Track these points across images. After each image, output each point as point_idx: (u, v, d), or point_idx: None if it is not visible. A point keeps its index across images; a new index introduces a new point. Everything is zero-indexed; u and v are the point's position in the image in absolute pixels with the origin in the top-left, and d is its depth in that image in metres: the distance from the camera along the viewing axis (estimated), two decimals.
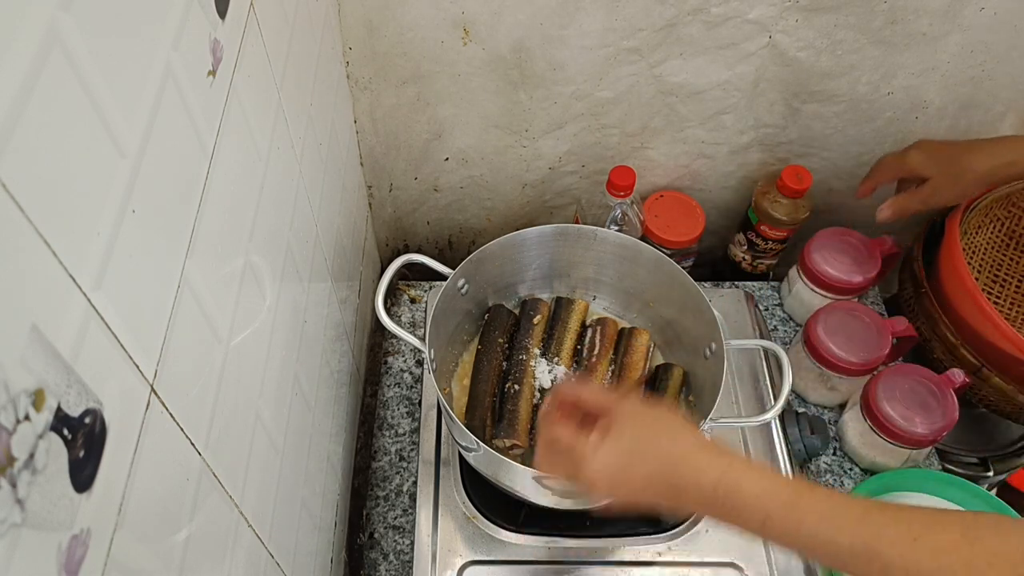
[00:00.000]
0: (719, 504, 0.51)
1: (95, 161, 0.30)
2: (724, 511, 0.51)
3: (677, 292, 0.79)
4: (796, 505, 0.49)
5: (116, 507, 0.31)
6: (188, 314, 0.38)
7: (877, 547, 0.46)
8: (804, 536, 0.48)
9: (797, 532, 0.49)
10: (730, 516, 0.51)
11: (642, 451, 0.54)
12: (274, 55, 0.54)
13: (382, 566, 0.79)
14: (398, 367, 0.93)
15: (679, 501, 0.54)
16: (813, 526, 0.48)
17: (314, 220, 0.66)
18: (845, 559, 0.47)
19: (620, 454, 0.54)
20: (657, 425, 0.55)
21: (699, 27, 0.80)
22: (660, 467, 0.53)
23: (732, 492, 0.51)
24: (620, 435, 0.54)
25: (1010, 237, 0.99)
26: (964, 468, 0.96)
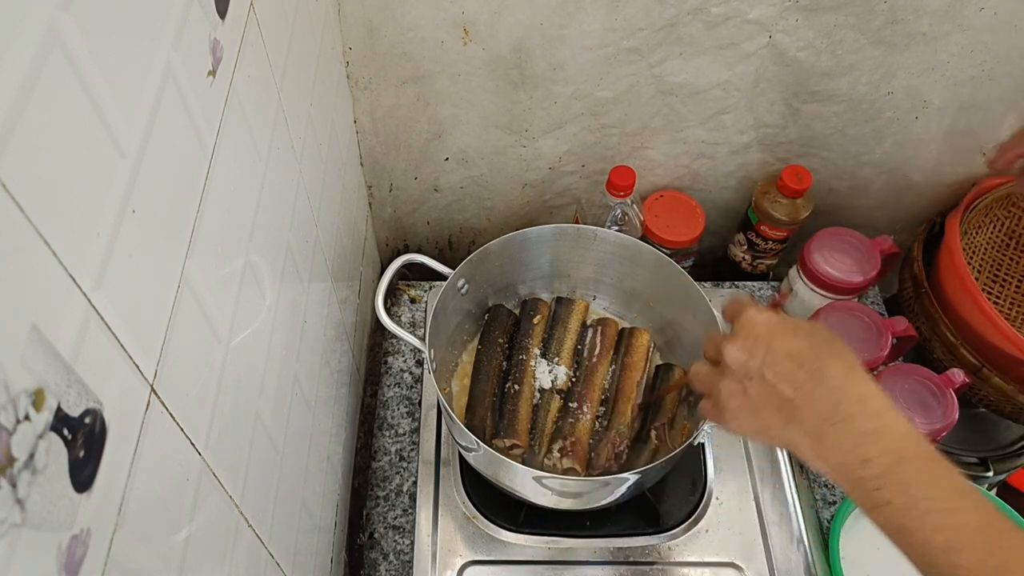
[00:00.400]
0: (856, 417, 0.46)
1: (95, 161, 0.30)
2: (857, 429, 0.46)
3: (677, 292, 0.79)
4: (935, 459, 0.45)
5: (116, 507, 0.31)
6: (188, 314, 0.38)
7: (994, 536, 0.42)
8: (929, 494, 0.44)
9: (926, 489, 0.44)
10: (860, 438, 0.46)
11: (806, 330, 0.51)
12: (274, 55, 0.54)
13: (382, 566, 0.79)
14: (398, 367, 0.93)
15: (814, 393, 0.48)
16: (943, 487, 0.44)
17: (314, 220, 0.66)
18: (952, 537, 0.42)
19: (783, 321, 0.51)
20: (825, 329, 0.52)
21: (699, 27, 0.80)
22: (815, 347, 0.49)
23: (880, 412, 0.46)
24: (785, 316, 0.52)
25: (1010, 237, 0.99)
26: (964, 468, 0.96)
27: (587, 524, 0.78)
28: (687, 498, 0.80)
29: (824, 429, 0.47)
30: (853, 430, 0.46)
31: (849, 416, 0.47)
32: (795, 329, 0.50)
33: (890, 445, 0.45)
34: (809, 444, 0.48)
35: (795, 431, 0.49)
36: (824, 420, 0.47)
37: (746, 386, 0.51)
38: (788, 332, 0.50)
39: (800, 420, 0.48)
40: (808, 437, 0.48)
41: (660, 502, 0.79)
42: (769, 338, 0.50)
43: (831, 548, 0.76)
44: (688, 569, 0.75)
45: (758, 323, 0.51)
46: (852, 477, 0.46)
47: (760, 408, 0.50)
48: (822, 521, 0.82)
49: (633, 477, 0.67)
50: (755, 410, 0.51)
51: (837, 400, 0.47)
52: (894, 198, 1.00)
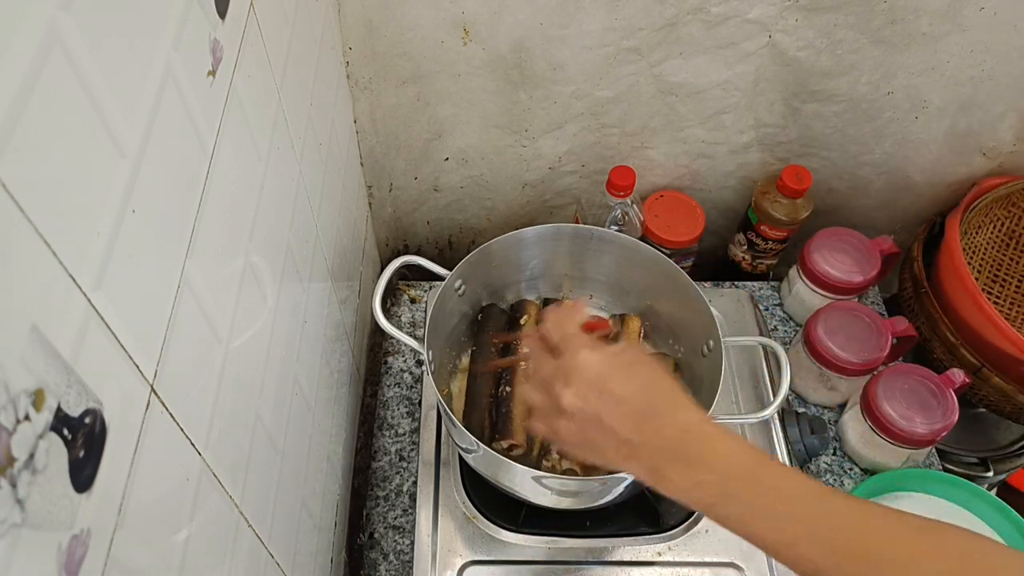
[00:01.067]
0: (686, 447, 0.50)
1: (95, 161, 0.30)
2: (687, 457, 0.50)
3: (675, 291, 0.79)
4: (761, 468, 0.48)
5: (116, 507, 0.31)
6: (188, 314, 0.38)
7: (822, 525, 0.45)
8: (757, 502, 0.47)
9: (754, 498, 0.47)
10: (691, 465, 0.49)
11: (636, 367, 0.54)
12: (274, 55, 0.54)
13: (382, 566, 0.79)
14: (398, 367, 0.93)
15: (646, 431, 0.51)
16: (771, 496, 0.47)
17: (314, 220, 0.66)
18: (787, 536, 0.46)
19: (613, 360, 0.54)
20: (651, 361, 0.55)
21: (699, 27, 0.80)
22: (645, 388, 0.53)
23: (705, 438, 0.50)
24: (616, 350, 0.55)
25: (1010, 237, 0.99)
26: (964, 468, 0.96)
27: (587, 524, 0.78)
28: None
29: (660, 463, 0.51)
30: (684, 458, 0.50)
31: (680, 447, 0.50)
32: (624, 369, 0.54)
33: (716, 466, 0.49)
34: (648, 477, 0.52)
35: (636, 466, 0.53)
36: (658, 455, 0.51)
37: (583, 427, 0.54)
38: (619, 375, 0.53)
39: (638, 457, 0.52)
40: (647, 471, 0.52)
41: (660, 502, 0.79)
42: (602, 382, 0.53)
43: None
44: (688, 569, 0.75)
45: (589, 366, 0.53)
46: (692, 499, 0.50)
47: (599, 445, 0.54)
48: None
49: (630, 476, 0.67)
50: (595, 448, 0.54)
51: (667, 435, 0.51)
52: (894, 198, 1.00)
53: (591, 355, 0.54)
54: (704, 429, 0.51)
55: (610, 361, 0.54)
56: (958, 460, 0.97)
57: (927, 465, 0.87)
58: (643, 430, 0.51)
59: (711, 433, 0.51)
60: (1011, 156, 0.93)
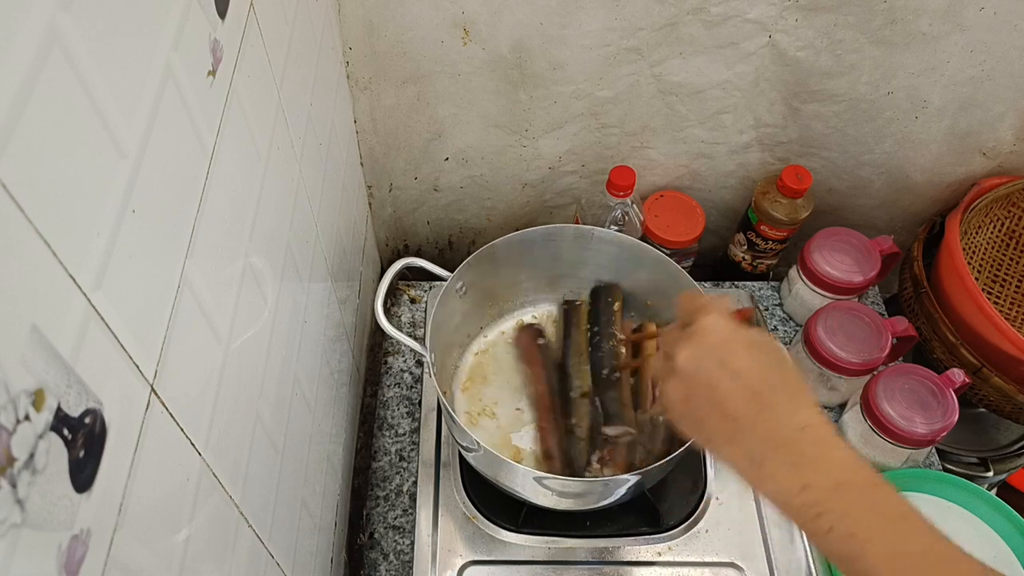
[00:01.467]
0: (799, 445, 0.46)
1: (95, 161, 0.30)
2: (798, 456, 0.45)
3: (675, 290, 0.79)
4: (877, 486, 0.44)
5: (116, 507, 0.31)
6: (188, 314, 0.38)
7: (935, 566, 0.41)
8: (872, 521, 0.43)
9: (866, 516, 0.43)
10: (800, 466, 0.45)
11: (761, 347, 0.50)
12: (274, 55, 0.54)
13: (382, 566, 0.79)
14: (398, 367, 0.93)
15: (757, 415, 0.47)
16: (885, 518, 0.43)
17: (314, 220, 0.66)
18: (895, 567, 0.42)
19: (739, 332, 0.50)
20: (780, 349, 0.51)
21: (699, 26, 0.80)
22: (767, 369, 0.48)
23: (822, 442, 0.46)
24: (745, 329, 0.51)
25: (1010, 237, 0.99)
26: (964, 468, 0.96)
27: (587, 524, 0.78)
28: (687, 498, 0.80)
29: (765, 454, 0.47)
30: (793, 456, 0.46)
31: (790, 442, 0.46)
32: (749, 345, 0.50)
33: (830, 472, 0.45)
34: (749, 467, 0.48)
35: (735, 451, 0.48)
36: (765, 445, 0.47)
37: (692, 394, 0.50)
38: (742, 348, 0.49)
39: (741, 441, 0.48)
40: (748, 460, 0.48)
41: (660, 502, 0.79)
42: (722, 352, 0.49)
43: None
44: (688, 569, 0.75)
45: (714, 332, 0.50)
46: (792, 504, 0.46)
47: (703, 419, 0.50)
48: None
49: (633, 478, 0.67)
50: (698, 419, 0.50)
51: (780, 426, 0.47)
52: (894, 198, 1.00)
53: (718, 321, 0.50)
54: (823, 431, 0.46)
55: (736, 332, 0.50)
56: (958, 460, 0.97)
57: (927, 465, 0.87)
58: (754, 411, 0.47)
59: (831, 438, 0.46)
60: (1011, 156, 0.93)
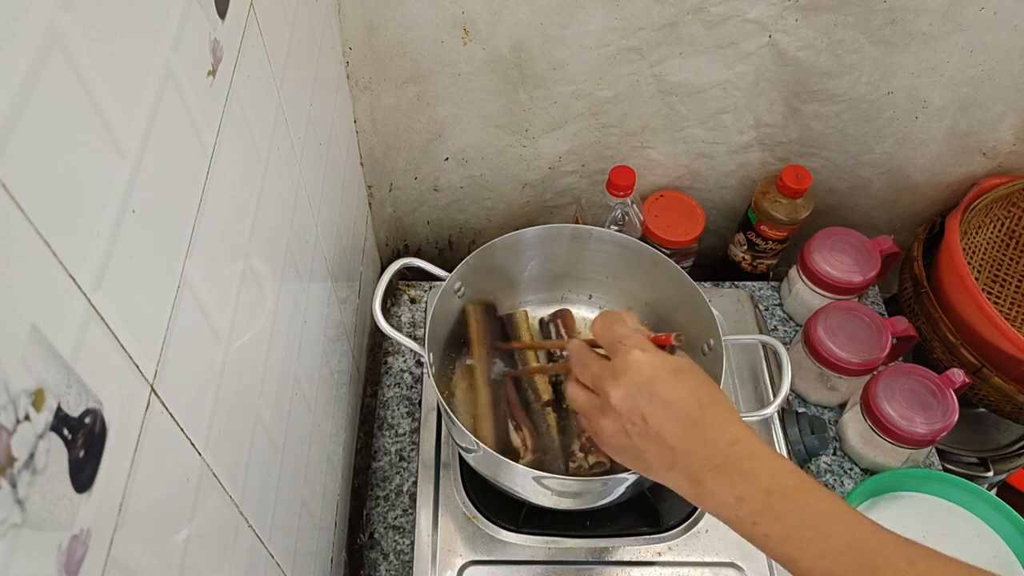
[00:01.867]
0: (733, 460, 0.49)
1: (95, 161, 0.30)
2: (733, 470, 0.48)
3: (674, 290, 0.79)
4: (805, 488, 0.47)
5: (116, 507, 0.31)
6: (188, 314, 0.38)
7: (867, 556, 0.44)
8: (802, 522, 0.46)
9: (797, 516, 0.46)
10: (735, 479, 0.48)
11: (686, 373, 0.53)
12: (274, 55, 0.54)
13: (382, 566, 0.79)
14: (398, 367, 0.93)
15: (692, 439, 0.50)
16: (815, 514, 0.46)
17: (314, 220, 0.66)
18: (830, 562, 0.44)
19: (664, 363, 0.53)
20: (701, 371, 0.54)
21: (699, 26, 0.80)
22: (694, 394, 0.51)
23: (753, 454, 0.49)
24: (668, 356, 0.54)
25: (1010, 237, 0.99)
26: (964, 468, 0.96)
27: (587, 524, 0.78)
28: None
29: (702, 475, 0.49)
30: (728, 472, 0.49)
31: (725, 460, 0.49)
32: (676, 374, 0.52)
33: (761, 482, 0.48)
34: (689, 488, 0.51)
35: (676, 476, 0.51)
36: (702, 467, 0.50)
37: (628, 429, 0.53)
38: (670, 378, 0.52)
39: (680, 466, 0.51)
40: (688, 482, 0.51)
41: (660, 502, 0.79)
42: (652, 385, 0.52)
43: None
44: (688, 569, 0.75)
45: (643, 366, 0.53)
46: (731, 516, 0.49)
47: (641, 451, 0.52)
48: None
49: (632, 477, 0.67)
50: (636, 451, 0.53)
51: (713, 446, 0.50)
52: (894, 198, 1.00)
53: (643, 356, 0.53)
54: (752, 444, 0.50)
55: (662, 364, 0.53)
56: (958, 460, 0.97)
57: (927, 465, 0.87)
58: (689, 437, 0.50)
59: (758, 449, 0.49)
60: (1011, 156, 0.93)
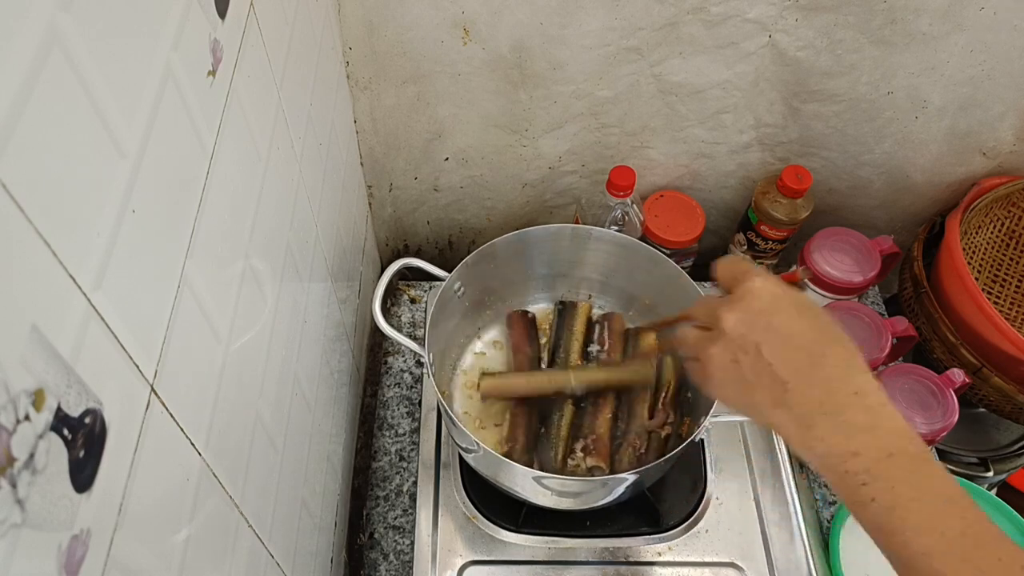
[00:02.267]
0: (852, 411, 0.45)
1: (95, 161, 0.30)
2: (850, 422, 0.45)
3: (675, 290, 0.79)
4: (927, 460, 0.43)
5: (116, 507, 0.31)
6: (188, 314, 0.38)
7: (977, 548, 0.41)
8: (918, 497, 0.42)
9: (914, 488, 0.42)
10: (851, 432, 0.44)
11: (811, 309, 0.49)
12: (274, 55, 0.54)
13: (382, 566, 0.79)
14: (398, 367, 0.93)
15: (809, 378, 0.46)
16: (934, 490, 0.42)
17: (314, 220, 0.66)
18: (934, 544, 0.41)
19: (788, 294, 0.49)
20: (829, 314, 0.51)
21: (699, 26, 0.80)
22: (819, 332, 0.47)
23: (872, 408, 0.45)
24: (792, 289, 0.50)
25: (1010, 237, 0.99)
26: (964, 468, 0.96)
27: (587, 524, 0.78)
28: (687, 498, 0.80)
29: (815, 417, 0.46)
30: (844, 422, 0.45)
31: (842, 407, 0.45)
32: (799, 308, 0.48)
33: (881, 441, 0.44)
34: (796, 430, 0.47)
35: (784, 415, 0.47)
36: (816, 408, 0.46)
37: (739, 358, 0.48)
38: (792, 310, 0.48)
39: (791, 404, 0.46)
40: (796, 423, 0.47)
41: (660, 502, 0.79)
42: (771, 313, 0.48)
43: (831, 548, 0.76)
44: (688, 569, 0.75)
45: (762, 294, 0.49)
46: (838, 469, 0.45)
47: (750, 384, 0.48)
48: (822, 521, 0.82)
49: (632, 477, 0.67)
50: (745, 385, 0.49)
51: (832, 389, 0.46)
52: (894, 198, 1.00)
53: (766, 283, 0.49)
54: (876, 398, 0.45)
55: (784, 295, 0.49)
56: (958, 460, 0.96)
57: None
58: (806, 374, 0.46)
59: (882, 406, 0.45)
60: (1011, 156, 0.93)
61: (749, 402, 0.49)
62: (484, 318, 0.88)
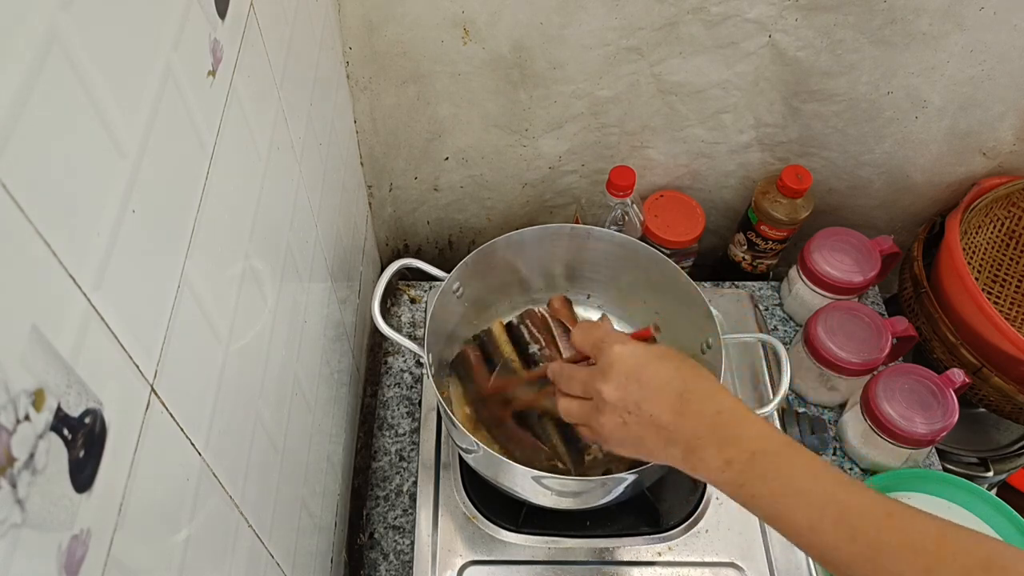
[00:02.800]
0: (720, 428, 0.52)
1: (95, 161, 0.30)
2: (721, 437, 0.51)
3: (673, 290, 0.79)
4: (788, 449, 0.50)
5: (116, 507, 0.31)
6: (188, 314, 0.38)
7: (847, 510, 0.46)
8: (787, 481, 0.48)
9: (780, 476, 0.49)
10: (723, 445, 0.51)
11: (667, 357, 0.56)
12: (274, 55, 0.54)
13: (382, 566, 0.79)
14: (398, 367, 0.93)
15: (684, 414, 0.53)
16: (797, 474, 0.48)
17: (314, 220, 0.66)
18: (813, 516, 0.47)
19: (646, 351, 0.56)
20: (680, 352, 0.58)
21: (699, 26, 0.80)
22: (680, 373, 0.54)
23: (738, 420, 0.52)
24: (646, 346, 0.57)
25: (1010, 237, 0.99)
26: (964, 468, 0.96)
27: (587, 524, 0.78)
28: (687, 498, 0.80)
29: (694, 444, 0.52)
30: (716, 439, 0.52)
31: (714, 428, 0.52)
32: (659, 359, 0.56)
33: (746, 445, 0.50)
34: (684, 460, 0.53)
35: (674, 451, 0.54)
36: (693, 437, 0.52)
37: (625, 419, 0.55)
38: (654, 363, 0.55)
39: (676, 441, 0.53)
40: (683, 454, 0.53)
41: (660, 502, 0.79)
42: (639, 371, 0.55)
43: None
44: (688, 569, 0.75)
45: (625, 358, 0.56)
46: (721, 480, 0.51)
47: (641, 436, 0.55)
48: None
49: (631, 476, 0.67)
50: (637, 439, 0.55)
51: (702, 415, 0.53)
52: (894, 198, 1.00)
53: (624, 348, 0.56)
54: (737, 411, 0.52)
55: (644, 352, 0.56)
56: (958, 460, 0.97)
57: (927, 465, 0.87)
58: (681, 413, 0.53)
59: (743, 416, 0.52)
60: (1011, 156, 0.93)
61: (644, 450, 0.56)
62: (484, 318, 0.88)
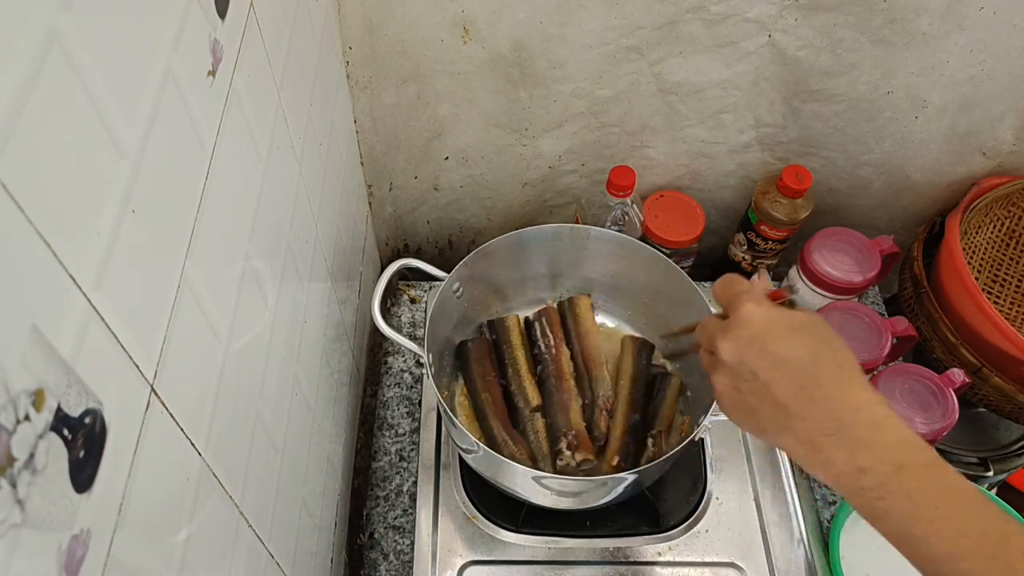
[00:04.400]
0: (853, 428, 0.45)
1: (95, 161, 0.30)
2: (854, 440, 0.45)
3: (674, 290, 0.79)
4: (938, 466, 0.44)
5: (116, 507, 0.31)
6: (188, 314, 0.38)
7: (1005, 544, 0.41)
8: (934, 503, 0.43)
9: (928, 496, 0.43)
10: (856, 449, 0.45)
11: (804, 328, 0.49)
12: (274, 55, 0.54)
13: (382, 566, 0.79)
14: (398, 367, 0.93)
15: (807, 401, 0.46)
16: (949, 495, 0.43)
17: (314, 220, 0.66)
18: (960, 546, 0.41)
19: (781, 317, 0.49)
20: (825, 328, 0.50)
21: (699, 25, 0.80)
22: (812, 353, 0.47)
23: (878, 423, 0.45)
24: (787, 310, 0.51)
25: (1010, 237, 0.99)
26: (964, 468, 0.96)
27: (587, 524, 0.78)
28: (687, 498, 0.80)
29: (819, 440, 0.46)
30: (848, 440, 0.45)
31: (844, 426, 0.46)
32: (792, 329, 0.49)
33: (887, 454, 0.45)
34: (804, 453, 0.47)
35: (790, 439, 0.48)
36: (819, 430, 0.46)
37: (739, 385, 0.50)
38: (785, 333, 0.49)
39: (794, 429, 0.47)
40: (803, 447, 0.47)
41: (660, 502, 0.79)
42: (765, 338, 0.49)
43: (831, 548, 0.76)
44: (688, 569, 0.75)
45: (754, 320, 0.49)
46: (851, 488, 0.45)
47: (754, 408, 0.50)
48: (822, 521, 0.82)
49: (631, 476, 0.67)
50: (749, 409, 0.50)
51: (832, 409, 0.46)
52: (894, 198, 1.00)
53: (754, 309, 0.50)
54: (877, 412, 0.46)
55: (777, 319, 0.49)
56: (958, 460, 0.96)
57: None
58: (804, 399, 0.47)
59: (884, 418, 0.46)
60: (1011, 156, 0.93)
61: (757, 427, 0.50)
62: (484, 318, 0.88)
